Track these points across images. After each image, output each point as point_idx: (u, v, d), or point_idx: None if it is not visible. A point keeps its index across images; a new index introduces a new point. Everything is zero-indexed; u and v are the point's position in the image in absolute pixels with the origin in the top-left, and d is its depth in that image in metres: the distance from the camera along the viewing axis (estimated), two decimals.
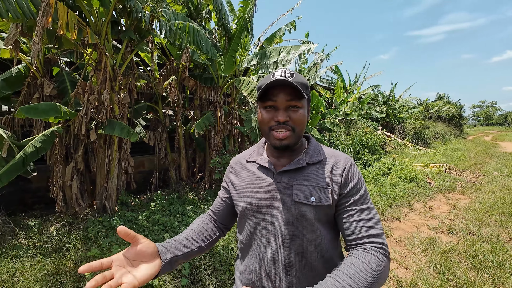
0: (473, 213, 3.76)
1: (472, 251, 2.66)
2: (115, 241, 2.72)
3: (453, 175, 6.17)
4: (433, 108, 18.28)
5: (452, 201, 4.45)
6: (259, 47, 5.27)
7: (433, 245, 2.88)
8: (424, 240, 2.98)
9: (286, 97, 0.72)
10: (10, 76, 3.08)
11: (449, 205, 4.28)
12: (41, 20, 2.05)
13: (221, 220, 0.93)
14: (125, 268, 0.61)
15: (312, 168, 0.77)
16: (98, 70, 3.21)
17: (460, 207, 4.12)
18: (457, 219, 3.65)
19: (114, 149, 3.55)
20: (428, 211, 4.03)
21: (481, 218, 3.56)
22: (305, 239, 0.74)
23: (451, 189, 5.13)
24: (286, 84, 0.71)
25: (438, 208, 4.17)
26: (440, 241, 2.97)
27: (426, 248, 2.82)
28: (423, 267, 2.47)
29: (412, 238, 3.07)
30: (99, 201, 3.60)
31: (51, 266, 2.30)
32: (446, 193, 4.96)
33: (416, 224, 3.57)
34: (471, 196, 4.71)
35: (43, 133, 2.83)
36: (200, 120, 4.28)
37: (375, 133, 9.39)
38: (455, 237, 3.11)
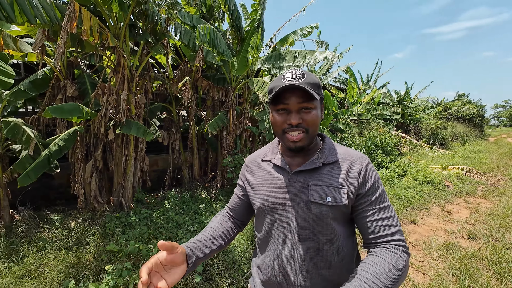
0: (496, 218, 3.59)
1: (495, 257, 2.54)
2: (131, 237, 2.82)
3: (474, 178, 5.90)
4: (451, 108, 17.53)
5: (473, 205, 4.26)
6: (272, 48, 5.28)
7: (452, 250, 2.77)
8: (442, 245, 2.87)
9: (298, 99, 0.72)
10: (37, 79, 3.26)
11: (469, 209, 4.10)
12: (66, 25, 2.16)
13: (238, 216, 0.96)
14: (159, 273, 0.64)
15: (327, 168, 0.77)
16: (117, 72, 3.33)
17: (482, 212, 3.94)
18: (478, 224, 3.49)
19: (131, 148, 3.68)
20: (447, 215, 3.88)
21: (505, 224, 3.39)
22: (321, 237, 0.75)
23: (472, 192, 4.91)
24: (296, 88, 0.71)
25: (457, 212, 4.00)
26: (459, 247, 2.85)
27: (444, 253, 2.72)
28: (441, 272, 2.38)
29: (429, 242, 2.97)
30: (116, 198, 3.73)
31: (73, 258, 2.41)
32: (466, 196, 4.75)
33: (433, 228, 3.44)
34: (493, 200, 4.49)
35: (65, 132, 2.98)
36: (213, 120, 4.35)
37: (389, 134, 9.15)
38: (476, 243, 2.98)
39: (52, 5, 2.35)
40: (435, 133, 12.79)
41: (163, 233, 3.02)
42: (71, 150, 3.53)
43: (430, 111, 15.19)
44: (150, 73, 4.02)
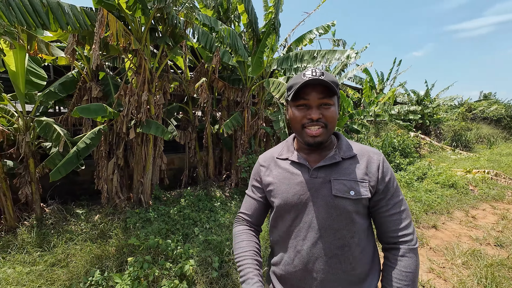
0: None
1: None
2: (150, 232, 2.93)
3: (502, 182, 5.55)
4: (476, 109, 16.57)
5: (500, 211, 4.01)
6: (287, 48, 5.27)
7: (477, 257, 2.64)
8: (466, 251, 2.74)
9: (318, 95, 0.75)
10: (66, 81, 3.48)
11: (496, 215, 3.88)
12: (98, 30, 2.31)
13: (257, 222, 0.95)
14: None
15: (347, 163, 0.79)
16: (138, 74, 3.48)
17: (511, 218, 3.71)
18: (507, 231, 3.29)
19: (150, 146, 3.82)
20: (471, 220, 3.69)
21: None
22: (345, 232, 0.77)
23: (499, 198, 4.63)
24: (318, 83, 0.74)
25: (483, 218, 3.80)
26: (485, 254, 2.71)
27: (468, 260, 2.59)
28: (465, 280, 2.28)
29: (452, 248, 2.84)
30: (135, 194, 3.90)
31: (97, 250, 2.56)
32: (493, 202, 4.48)
33: (456, 233, 3.29)
34: None
35: (91, 131, 3.16)
36: (228, 120, 4.42)
37: (408, 135, 8.81)
38: (504, 251, 2.81)
39: (82, 12, 2.51)
40: (458, 135, 12.15)
41: (180, 230, 3.12)
42: (95, 148, 3.73)
43: (453, 112, 14.45)
44: (169, 74, 4.16)
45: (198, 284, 2.14)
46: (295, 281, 0.81)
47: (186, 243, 2.76)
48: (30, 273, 2.15)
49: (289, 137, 0.94)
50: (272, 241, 0.92)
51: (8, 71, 2.91)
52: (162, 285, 2.02)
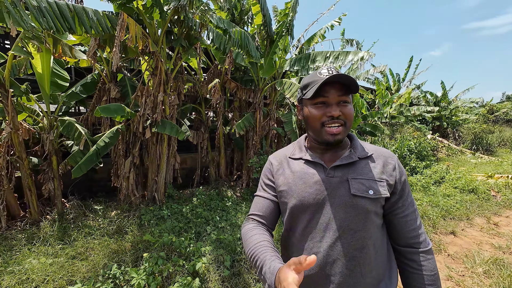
0: None
1: None
2: (164, 229, 3.01)
3: None
4: (499, 111, 15.77)
5: None
6: (299, 49, 5.26)
7: (500, 266, 2.51)
8: (488, 260, 2.61)
9: (338, 92, 0.74)
10: (87, 82, 3.65)
11: None
12: (119, 34, 2.41)
13: (270, 223, 0.88)
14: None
15: (363, 163, 0.79)
16: (154, 75, 3.59)
17: None
18: None
19: (164, 146, 3.92)
20: (493, 227, 3.51)
21: None
22: (363, 233, 0.75)
23: None
24: (337, 80, 0.73)
25: (506, 226, 3.60)
26: (509, 263, 2.57)
27: (490, 268, 2.47)
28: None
29: (472, 256, 2.72)
30: (150, 192, 4.00)
31: (114, 245, 2.65)
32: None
33: (476, 240, 3.15)
34: None
35: (110, 130, 3.29)
36: (241, 121, 4.45)
37: (424, 138, 8.52)
38: None
39: (104, 16, 2.63)
40: (479, 138, 11.59)
41: (193, 228, 3.17)
42: (113, 146, 3.88)
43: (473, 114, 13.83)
44: (183, 75, 4.26)
45: (210, 282, 2.17)
46: (311, 286, 0.78)
47: (198, 241, 2.81)
48: (53, 265, 2.27)
49: (300, 138, 0.93)
50: (286, 244, 0.88)
51: (35, 73, 3.08)
52: (176, 281, 2.06)
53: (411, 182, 5.04)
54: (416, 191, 4.78)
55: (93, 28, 2.39)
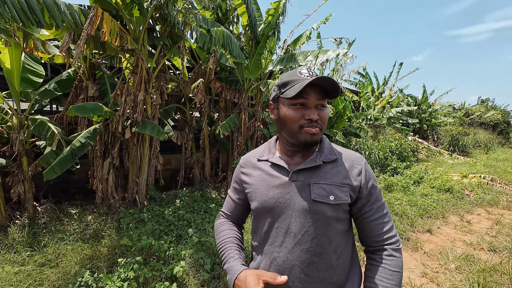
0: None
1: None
2: (144, 232, 2.91)
3: (497, 187, 5.57)
4: (474, 114, 16.70)
5: (495, 216, 4.02)
6: (285, 50, 5.29)
7: (470, 262, 2.63)
8: (460, 256, 2.74)
9: (317, 95, 0.72)
10: (62, 79, 3.47)
11: (491, 220, 3.88)
12: (87, 27, 2.30)
13: (238, 220, 0.95)
14: None
15: (328, 167, 0.77)
16: (135, 74, 3.48)
17: (505, 223, 3.71)
18: (501, 236, 3.30)
19: (146, 146, 3.81)
20: (466, 225, 3.69)
21: None
22: (322, 239, 0.74)
23: (494, 203, 4.64)
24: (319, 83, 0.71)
25: (478, 223, 3.80)
26: (479, 259, 2.70)
27: (462, 264, 2.59)
28: (457, 285, 2.27)
29: (446, 253, 2.84)
30: (130, 194, 3.87)
31: (89, 251, 2.53)
32: (488, 207, 4.50)
33: (450, 238, 3.29)
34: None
35: (87, 130, 3.14)
36: (225, 122, 4.41)
37: (405, 139, 8.84)
38: (497, 256, 2.81)
39: (78, 10, 2.51)
40: (455, 140, 12.21)
41: (174, 231, 3.09)
42: (91, 147, 3.71)
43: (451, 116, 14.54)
44: (166, 75, 4.16)
45: (189, 286, 2.12)
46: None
47: (179, 245, 2.74)
48: (18, 273, 2.12)
49: (272, 139, 0.91)
50: (253, 247, 0.89)
51: (3, 69, 2.89)
52: (153, 287, 1.99)
53: (392, 183, 5.20)
54: (396, 191, 4.94)
55: (66, 23, 2.27)
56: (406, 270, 2.54)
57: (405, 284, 2.32)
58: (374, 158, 6.89)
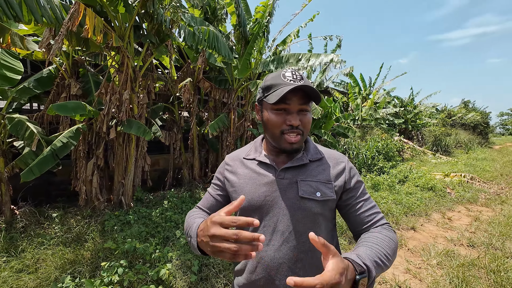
0: (496, 227, 3.54)
1: (494, 266, 2.51)
2: (129, 235, 2.83)
3: (476, 186, 5.84)
4: (456, 115, 17.42)
5: (474, 213, 4.21)
6: (274, 50, 5.32)
7: (450, 257, 2.74)
8: (441, 252, 2.84)
9: (299, 100, 0.72)
10: (42, 77, 3.33)
11: (470, 217, 4.06)
12: (67, 23, 2.22)
13: None
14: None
15: (314, 165, 0.80)
16: (120, 72, 3.39)
17: (483, 220, 3.89)
18: (479, 232, 3.45)
19: (132, 147, 3.71)
20: (447, 222, 3.84)
21: (505, 232, 3.34)
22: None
23: (473, 200, 4.86)
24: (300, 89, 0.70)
25: (458, 220, 3.96)
26: (458, 254, 2.82)
27: (443, 260, 2.69)
28: (438, 280, 2.36)
29: (428, 249, 2.94)
30: (116, 196, 3.76)
31: (71, 255, 2.44)
32: (468, 204, 4.70)
33: (433, 235, 3.41)
34: (495, 208, 4.43)
35: (69, 130, 3.03)
36: (214, 122, 4.38)
37: (391, 140, 9.10)
38: (475, 251, 2.94)
39: (59, 5, 2.41)
40: (438, 140, 12.69)
41: (161, 232, 3.03)
42: (74, 147, 3.58)
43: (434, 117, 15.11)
44: (154, 73, 4.08)
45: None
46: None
47: (166, 247, 2.69)
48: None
49: (258, 138, 0.92)
50: None
51: None
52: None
53: (379, 182, 5.33)
54: (382, 190, 5.07)
55: (45, 18, 2.17)
56: (390, 267, 2.61)
57: (390, 280, 2.38)
58: (361, 158, 7.04)
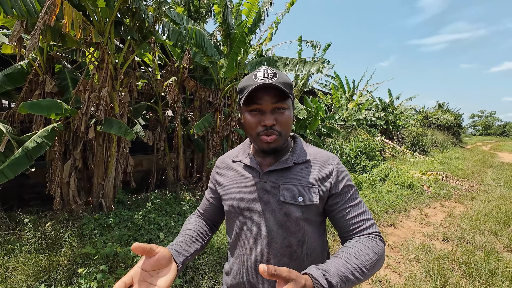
0: (468, 221, 3.78)
1: (465, 258, 2.68)
2: (109, 239, 2.72)
3: (450, 183, 6.20)
4: (432, 117, 18.41)
5: (448, 209, 4.46)
6: (259, 50, 5.33)
7: (427, 251, 2.89)
8: (418, 247, 2.99)
9: (272, 99, 0.69)
10: (12, 72, 3.11)
11: (444, 213, 4.30)
12: (43, 17, 2.09)
13: (211, 218, 0.93)
14: (146, 281, 0.57)
15: (299, 168, 0.76)
16: (100, 69, 3.24)
17: (456, 215, 4.14)
18: (452, 226, 3.67)
19: (113, 147, 3.57)
20: (424, 218, 4.04)
21: (475, 227, 3.58)
22: (292, 240, 0.73)
23: (447, 197, 5.15)
24: (270, 87, 0.68)
25: (434, 216, 4.19)
26: (434, 248, 2.98)
27: (420, 254, 2.83)
28: (416, 273, 2.48)
29: (407, 245, 3.08)
30: (95, 199, 3.60)
31: (45, 262, 2.30)
32: (442, 201, 4.97)
33: (411, 230, 3.58)
34: (466, 204, 4.73)
35: (44, 129, 2.85)
36: (200, 121, 4.31)
37: (373, 140, 9.44)
38: (449, 245, 3.12)
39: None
40: (416, 140, 13.34)
41: (144, 235, 2.94)
42: (48, 148, 3.38)
43: (412, 119, 15.88)
44: (136, 71, 3.94)
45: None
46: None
47: None
48: None
49: (247, 139, 0.90)
50: (228, 249, 0.89)
51: None
52: None
53: (361, 180, 5.51)
54: (365, 188, 5.24)
55: (16, 10, 2.03)
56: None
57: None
58: (345, 158, 7.25)
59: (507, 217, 3.87)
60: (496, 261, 2.62)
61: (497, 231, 3.42)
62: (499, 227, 3.58)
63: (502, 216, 3.91)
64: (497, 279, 2.32)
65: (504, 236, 3.30)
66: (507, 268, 2.50)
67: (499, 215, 3.98)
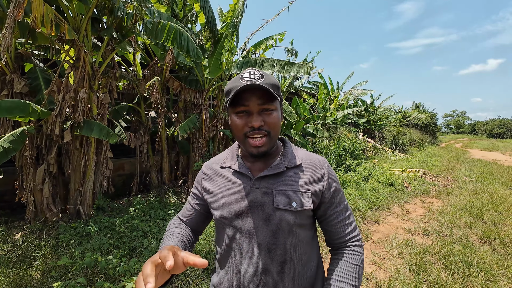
0: (445, 216, 3.98)
1: (444, 252, 2.81)
2: (89, 248, 2.56)
3: (428, 179, 6.52)
4: (410, 116, 19.32)
5: (427, 205, 4.68)
6: (246, 52, 5.30)
7: (409, 247, 3.00)
8: (401, 242, 3.09)
9: (258, 100, 0.69)
10: None
11: (424, 208, 4.50)
12: (12, 12, 1.92)
13: (194, 226, 0.88)
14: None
15: (291, 172, 0.75)
16: (76, 68, 3.06)
17: (434, 210, 4.35)
18: (431, 221, 3.84)
19: (91, 151, 3.38)
20: (405, 214, 4.20)
21: (452, 221, 3.78)
22: (287, 247, 0.72)
23: (426, 193, 5.40)
24: (256, 88, 0.67)
25: (414, 211, 4.37)
26: (416, 243, 3.10)
27: (403, 250, 2.93)
28: (400, 268, 2.56)
29: (390, 241, 3.18)
30: (72, 206, 3.39)
31: (15, 277, 2.12)
32: (422, 196, 5.21)
33: (394, 226, 3.70)
34: (443, 199, 4.99)
35: (11, 133, 2.63)
36: (184, 123, 4.20)
37: (356, 139, 9.72)
38: (429, 239, 3.26)
39: None
40: (396, 139, 13.93)
41: (126, 243, 2.80)
42: (18, 153, 3.13)
43: (392, 118, 16.58)
44: (116, 71, 3.77)
45: None
46: None
47: (132, 258, 2.49)
48: None
49: (235, 143, 0.87)
50: (216, 260, 0.85)
51: None
52: None
53: (346, 179, 5.64)
54: (349, 186, 5.37)
55: None
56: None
57: None
58: (330, 157, 7.40)
59: (480, 210, 4.13)
60: (472, 253, 2.77)
61: (472, 224, 3.63)
62: (473, 220, 3.80)
63: (476, 210, 4.16)
64: (473, 270, 2.45)
65: (477, 228, 3.50)
66: (481, 259, 2.66)
67: (473, 208, 4.23)
